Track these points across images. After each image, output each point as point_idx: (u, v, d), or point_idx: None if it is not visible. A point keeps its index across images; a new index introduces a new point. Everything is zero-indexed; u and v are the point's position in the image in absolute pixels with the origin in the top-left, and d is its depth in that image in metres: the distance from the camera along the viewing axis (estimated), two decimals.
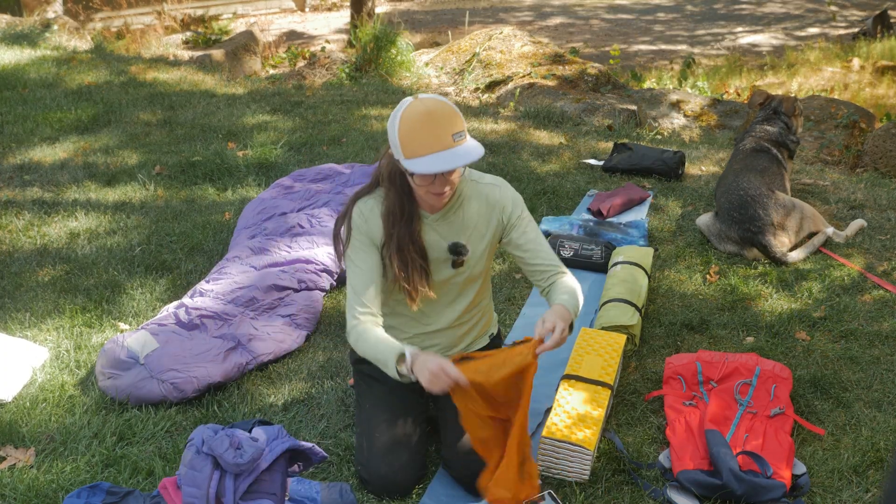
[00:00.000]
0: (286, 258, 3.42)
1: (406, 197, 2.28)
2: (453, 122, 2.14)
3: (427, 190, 2.21)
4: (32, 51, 7.24)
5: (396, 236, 2.28)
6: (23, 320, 3.22)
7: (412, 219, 2.29)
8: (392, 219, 2.28)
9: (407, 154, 2.14)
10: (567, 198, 4.38)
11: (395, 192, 2.28)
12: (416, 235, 2.30)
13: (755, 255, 3.72)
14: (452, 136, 2.13)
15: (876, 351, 3.06)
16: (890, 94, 7.94)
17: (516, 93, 6.60)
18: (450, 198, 2.29)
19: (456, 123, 2.15)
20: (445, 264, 2.38)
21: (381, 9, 12.27)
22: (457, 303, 2.47)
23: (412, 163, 2.14)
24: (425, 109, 2.13)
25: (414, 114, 2.13)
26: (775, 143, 4.10)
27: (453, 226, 2.36)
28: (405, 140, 2.14)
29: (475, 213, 2.38)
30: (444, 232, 2.35)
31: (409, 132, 2.13)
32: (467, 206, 2.37)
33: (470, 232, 2.38)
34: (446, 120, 2.13)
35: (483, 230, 2.39)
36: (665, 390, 2.77)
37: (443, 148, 2.12)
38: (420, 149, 2.12)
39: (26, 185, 4.48)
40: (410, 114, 2.14)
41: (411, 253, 2.29)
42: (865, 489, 2.37)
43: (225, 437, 2.12)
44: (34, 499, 2.30)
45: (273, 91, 6.44)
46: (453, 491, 2.38)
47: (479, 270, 2.45)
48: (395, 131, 2.16)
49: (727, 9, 13.48)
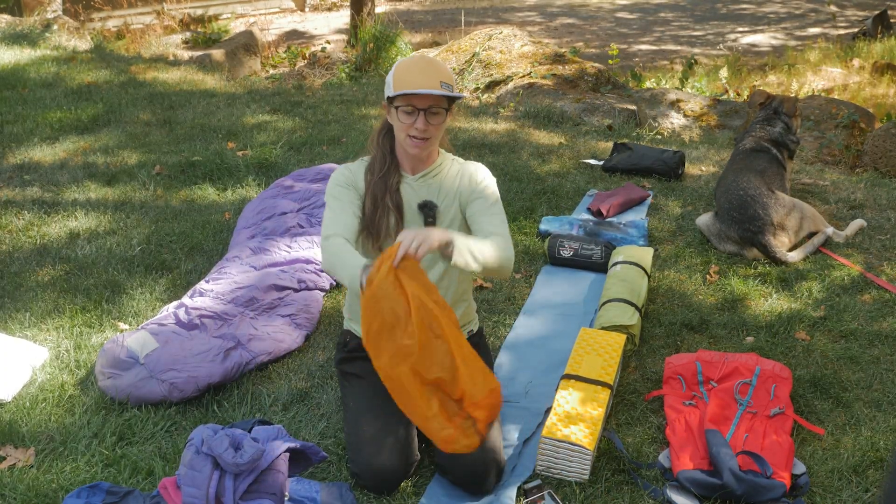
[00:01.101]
0: (286, 258, 3.42)
1: (388, 155, 2.47)
2: (444, 71, 2.35)
3: (407, 133, 2.36)
4: (32, 51, 7.24)
5: (373, 185, 2.46)
6: (23, 320, 3.22)
7: (390, 171, 2.47)
8: (372, 170, 2.48)
9: (396, 87, 2.32)
10: (567, 198, 4.38)
11: (379, 151, 2.49)
12: (391, 187, 2.45)
13: (755, 255, 3.72)
14: (440, 83, 2.30)
15: (876, 351, 3.06)
16: (890, 94, 7.93)
17: (518, 93, 6.59)
18: (427, 149, 2.42)
19: (446, 74, 2.34)
20: (417, 222, 2.48)
21: (381, 9, 12.26)
22: (431, 274, 2.49)
23: (398, 94, 2.31)
24: (420, 54, 2.40)
25: (410, 57, 2.38)
26: (775, 143, 4.10)
27: (430, 189, 2.50)
28: (397, 74, 2.33)
29: (452, 181, 2.52)
30: (420, 192, 2.49)
31: (401, 68, 2.34)
32: (446, 174, 2.52)
33: (444, 196, 2.50)
34: (438, 66, 2.35)
35: (454, 196, 2.51)
36: (665, 390, 2.77)
37: (429, 87, 2.29)
38: (409, 83, 2.30)
39: (26, 185, 4.48)
40: (407, 58, 2.44)
41: (385, 202, 2.44)
42: (865, 489, 2.37)
43: (225, 437, 2.12)
44: (34, 499, 2.30)
45: (273, 91, 6.44)
46: (452, 492, 2.38)
47: None
48: (391, 74, 2.37)
49: (728, 9, 13.48)
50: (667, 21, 12.77)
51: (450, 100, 2.37)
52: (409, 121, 2.35)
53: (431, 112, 2.34)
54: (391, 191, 2.45)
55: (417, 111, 2.33)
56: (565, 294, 3.49)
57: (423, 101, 2.32)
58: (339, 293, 3.48)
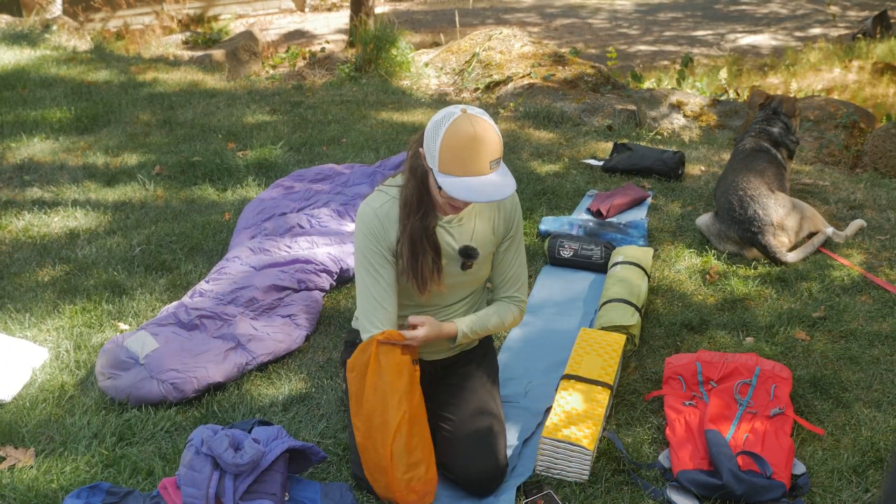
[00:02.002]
0: (286, 258, 3.42)
1: (425, 191, 2.28)
2: (494, 149, 2.14)
3: (448, 202, 2.24)
4: (32, 51, 7.24)
5: (410, 228, 2.28)
6: (23, 320, 3.22)
7: (427, 213, 2.29)
8: (408, 209, 2.28)
9: (442, 169, 2.14)
10: (567, 198, 4.38)
11: (415, 184, 2.28)
12: (430, 230, 2.30)
13: (755, 255, 3.72)
14: (490, 164, 2.14)
15: (876, 351, 3.06)
16: (890, 93, 7.94)
17: (518, 94, 6.60)
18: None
19: (496, 150, 2.15)
20: (455, 265, 2.40)
21: (381, 9, 12.27)
22: (461, 304, 2.50)
23: (445, 179, 2.14)
24: (473, 133, 2.10)
25: (460, 132, 2.10)
26: (775, 143, 4.11)
27: (464, 232, 2.39)
28: (445, 156, 2.12)
29: (484, 221, 2.42)
30: (455, 234, 2.38)
31: (450, 149, 2.11)
32: (478, 213, 2.41)
33: (478, 240, 2.41)
34: (489, 147, 2.12)
35: (490, 234, 2.44)
36: (665, 390, 2.77)
37: (479, 174, 2.13)
38: (457, 169, 2.12)
39: (26, 185, 4.48)
40: (456, 131, 2.11)
41: (424, 245, 2.30)
42: (865, 489, 2.37)
43: (224, 437, 2.12)
44: (34, 499, 2.30)
45: (273, 91, 6.44)
46: (454, 491, 2.38)
47: (484, 273, 2.49)
48: (436, 143, 2.14)
49: (727, 9, 13.48)
50: (667, 21, 12.77)
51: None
52: (451, 199, 2.22)
53: None
54: (429, 234, 2.30)
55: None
56: (565, 294, 3.49)
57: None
58: (339, 293, 3.48)
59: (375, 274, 2.33)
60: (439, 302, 2.46)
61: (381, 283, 2.33)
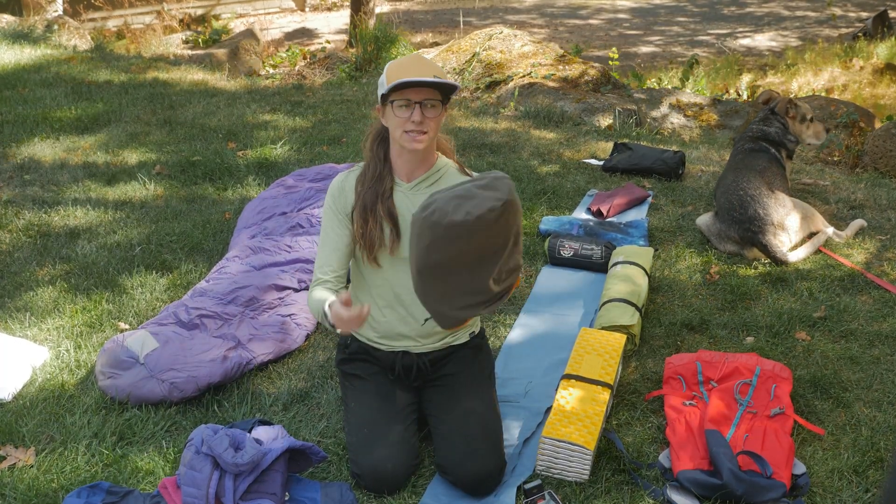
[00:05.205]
0: (286, 258, 3.42)
1: (381, 162, 2.43)
2: (435, 66, 2.33)
3: (404, 129, 2.31)
4: (33, 50, 7.24)
5: (363, 196, 2.41)
6: (23, 320, 3.22)
7: (382, 180, 2.42)
8: (363, 177, 2.44)
9: (389, 81, 2.27)
10: (567, 198, 4.38)
11: (372, 158, 2.45)
12: (383, 194, 2.41)
13: (755, 254, 3.72)
14: (433, 75, 2.28)
15: (876, 351, 3.06)
16: (890, 93, 7.93)
17: (515, 93, 6.59)
18: (426, 143, 2.35)
19: (438, 69, 2.32)
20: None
21: (381, 9, 12.25)
22: None
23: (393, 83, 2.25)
24: (414, 55, 2.34)
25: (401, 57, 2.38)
26: (774, 142, 4.11)
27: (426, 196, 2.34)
28: (389, 72, 2.30)
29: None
30: (416, 200, 2.42)
31: (393, 66, 2.32)
32: (445, 181, 2.44)
33: None
34: (429, 62, 2.33)
35: None
36: (665, 390, 2.77)
37: (422, 76, 2.26)
38: (403, 75, 2.26)
39: (26, 184, 4.48)
40: (398, 58, 2.43)
41: (376, 209, 2.39)
42: (865, 489, 2.37)
43: (225, 437, 2.12)
44: (34, 499, 2.30)
45: (273, 91, 6.44)
46: (452, 492, 2.38)
47: None
48: (382, 74, 2.33)
49: (728, 9, 13.48)
50: (667, 21, 12.77)
51: (444, 94, 2.34)
52: (406, 114, 2.29)
53: (427, 105, 2.30)
54: (383, 199, 2.39)
55: (413, 104, 2.29)
56: (565, 294, 3.49)
57: (418, 93, 2.28)
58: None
59: (330, 232, 2.46)
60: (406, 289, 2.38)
61: (331, 243, 2.45)
